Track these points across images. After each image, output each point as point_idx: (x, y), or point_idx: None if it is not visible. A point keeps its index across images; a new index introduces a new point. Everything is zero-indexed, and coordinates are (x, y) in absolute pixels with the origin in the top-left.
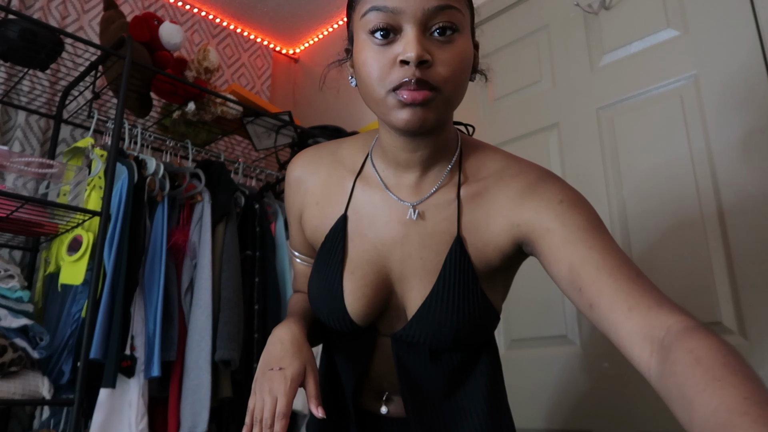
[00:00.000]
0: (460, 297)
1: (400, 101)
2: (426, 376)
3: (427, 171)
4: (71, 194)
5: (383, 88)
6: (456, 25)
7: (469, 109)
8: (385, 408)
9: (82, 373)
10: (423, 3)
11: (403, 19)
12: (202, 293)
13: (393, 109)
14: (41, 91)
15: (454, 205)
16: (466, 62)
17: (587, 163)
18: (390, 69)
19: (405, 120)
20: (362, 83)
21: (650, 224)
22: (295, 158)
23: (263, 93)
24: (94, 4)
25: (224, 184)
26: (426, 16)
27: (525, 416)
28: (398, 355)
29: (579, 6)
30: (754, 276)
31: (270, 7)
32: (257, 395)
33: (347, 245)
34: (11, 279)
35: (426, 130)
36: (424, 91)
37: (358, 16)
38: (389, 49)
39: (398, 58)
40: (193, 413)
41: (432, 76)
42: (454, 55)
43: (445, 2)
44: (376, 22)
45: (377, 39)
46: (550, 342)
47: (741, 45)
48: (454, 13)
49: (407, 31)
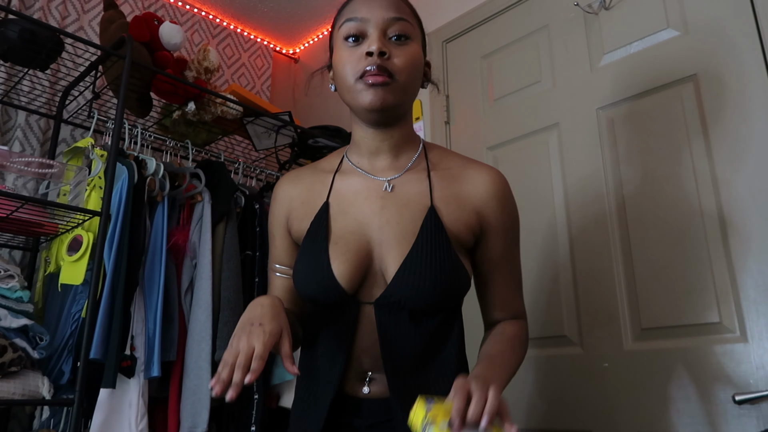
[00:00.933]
0: (435, 256)
1: (366, 84)
2: (406, 341)
3: (397, 157)
4: (71, 194)
5: (353, 76)
6: (408, 34)
7: (469, 109)
8: (367, 388)
9: (82, 373)
10: (383, 14)
11: (368, 26)
12: (202, 293)
13: (361, 92)
14: (41, 91)
15: (426, 183)
16: (416, 61)
17: (587, 163)
18: (358, 61)
19: (370, 99)
20: (338, 76)
21: (650, 224)
22: (280, 179)
23: (263, 93)
24: (94, 4)
25: (224, 184)
26: (385, 23)
27: (525, 416)
28: (380, 321)
29: (579, 6)
30: (754, 276)
31: (270, 7)
32: (233, 346)
33: (330, 224)
34: (11, 279)
35: (387, 110)
36: (383, 76)
37: (337, 28)
38: (358, 48)
39: (364, 51)
40: (193, 413)
41: (389, 65)
42: (407, 54)
43: (400, 15)
44: (348, 29)
45: (349, 43)
46: (550, 342)
47: (741, 45)
48: (406, 24)
49: (371, 34)
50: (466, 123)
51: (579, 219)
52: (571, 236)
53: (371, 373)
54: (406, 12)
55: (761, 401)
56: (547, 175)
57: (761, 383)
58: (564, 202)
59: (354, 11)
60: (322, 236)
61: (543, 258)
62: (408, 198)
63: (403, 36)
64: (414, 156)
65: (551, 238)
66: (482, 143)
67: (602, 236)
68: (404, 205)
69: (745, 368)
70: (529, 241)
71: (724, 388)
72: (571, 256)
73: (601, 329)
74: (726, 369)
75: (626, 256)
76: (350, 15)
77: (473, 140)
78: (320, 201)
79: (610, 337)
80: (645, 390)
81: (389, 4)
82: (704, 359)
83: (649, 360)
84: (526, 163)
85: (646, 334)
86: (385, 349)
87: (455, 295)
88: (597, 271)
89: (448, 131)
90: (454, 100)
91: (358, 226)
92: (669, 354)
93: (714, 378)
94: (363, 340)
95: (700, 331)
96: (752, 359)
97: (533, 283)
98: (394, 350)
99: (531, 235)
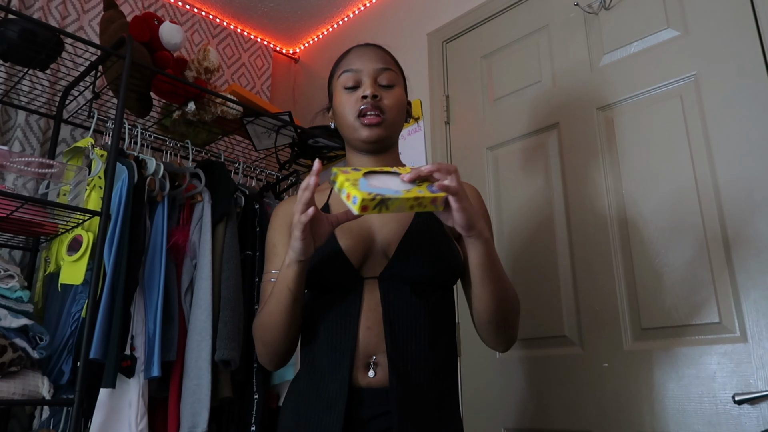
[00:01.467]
0: (432, 234)
1: (363, 124)
2: (408, 315)
3: None
4: (71, 194)
5: (352, 116)
6: (393, 82)
7: (469, 109)
8: (372, 372)
9: (82, 373)
10: (374, 65)
11: (362, 76)
12: (202, 293)
13: (359, 129)
14: (41, 91)
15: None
16: (402, 102)
17: (587, 163)
18: (355, 104)
19: (367, 134)
20: (339, 116)
21: (650, 224)
22: (280, 202)
23: (263, 93)
24: (94, 4)
25: (224, 184)
26: (376, 73)
27: (525, 416)
28: (384, 295)
29: (579, 6)
30: (754, 276)
31: (270, 7)
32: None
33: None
34: (11, 279)
35: (380, 142)
36: (377, 117)
37: (336, 78)
38: (355, 93)
39: (360, 95)
40: (193, 413)
41: (381, 105)
42: (394, 96)
43: (386, 66)
44: (346, 80)
45: (348, 90)
46: (550, 342)
47: (741, 45)
48: (392, 73)
49: (365, 82)
50: (466, 123)
51: (579, 219)
52: (571, 236)
53: (375, 356)
54: (390, 63)
55: (761, 401)
56: (547, 175)
57: (761, 383)
58: (564, 202)
59: (350, 64)
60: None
61: (543, 258)
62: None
63: (389, 84)
64: None
65: (551, 238)
66: (482, 143)
67: (602, 236)
68: None
69: (745, 368)
70: (529, 241)
71: (724, 388)
72: (571, 256)
73: (601, 329)
74: (726, 369)
75: (626, 256)
76: (347, 67)
77: (473, 140)
78: (321, 206)
79: (610, 337)
80: (645, 390)
81: (378, 58)
82: (704, 359)
83: (649, 360)
84: (526, 163)
85: (646, 334)
86: (388, 324)
87: (452, 269)
88: (597, 271)
89: (448, 131)
90: (454, 100)
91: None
92: (669, 354)
93: (714, 378)
94: (368, 317)
95: (700, 331)
96: (752, 359)
97: (533, 283)
98: (396, 326)
99: (531, 235)
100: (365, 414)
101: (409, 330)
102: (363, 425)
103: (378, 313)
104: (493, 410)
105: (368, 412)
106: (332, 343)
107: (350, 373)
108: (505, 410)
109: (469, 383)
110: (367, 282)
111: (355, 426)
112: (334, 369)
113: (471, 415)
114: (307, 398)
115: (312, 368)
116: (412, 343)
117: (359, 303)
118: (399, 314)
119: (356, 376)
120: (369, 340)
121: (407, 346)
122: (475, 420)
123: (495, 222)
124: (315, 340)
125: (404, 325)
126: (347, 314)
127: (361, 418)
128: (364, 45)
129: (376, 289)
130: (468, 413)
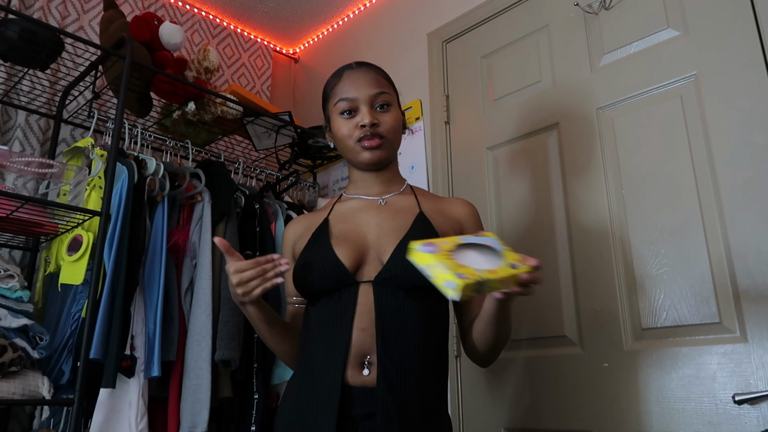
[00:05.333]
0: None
1: (363, 147)
2: (401, 318)
3: (388, 188)
4: (71, 194)
5: (352, 141)
6: (389, 102)
7: (469, 109)
8: (367, 370)
9: (82, 373)
10: (369, 91)
11: (359, 102)
12: (202, 293)
13: (360, 153)
14: (41, 91)
15: (414, 200)
16: (398, 122)
17: (587, 163)
18: (354, 130)
19: (368, 157)
20: (339, 141)
21: (650, 224)
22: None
23: (263, 93)
24: (94, 4)
25: (224, 184)
26: (371, 98)
27: (525, 416)
28: (378, 298)
29: (579, 6)
30: (754, 276)
31: (270, 7)
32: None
33: (331, 230)
34: (11, 279)
35: (380, 162)
36: (376, 139)
37: (332, 105)
38: (352, 119)
39: (359, 124)
40: (193, 413)
41: (380, 130)
42: (391, 118)
43: (381, 89)
44: (342, 107)
45: (345, 116)
46: (550, 342)
47: (741, 45)
48: (386, 95)
49: (362, 109)
50: (466, 123)
51: (579, 219)
52: (571, 236)
53: (370, 356)
54: (384, 84)
55: (761, 401)
56: (547, 175)
57: (761, 383)
58: (564, 202)
59: (345, 92)
60: (324, 236)
61: (543, 258)
62: (399, 208)
63: (385, 104)
64: (401, 188)
65: (551, 238)
66: (482, 143)
67: (602, 236)
68: (397, 212)
69: (745, 368)
70: (528, 241)
71: (724, 388)
72: (571, 256)
73: (601, 329)
74: (726, 369)
75: (626, 256)
76: (342, 95)
77: (473, 140)
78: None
79: (610, 337)
80: (645, 390)
81: (372, 82)
82: (704, 359)
83: (649, 360)
84: (526, 163)
85: (646, 334)
86: (380, 325)
87: None
88: (597, 271)
89: (448, 131)
90: (454, 100)
91: (357, 227)
92: (669, 354)
93: (714, 378)
94: (362, 319)
95: (700, 331)
96: (752, 359)
97: None
98: (388, 328)
99: (531, 235)
100: (358, 412)
101: (401, 332)
102: (355, 423)
103: (372, 315)
104: (492, 410)
105: (361, 411)
106: (327, 343)
107: (344, 371)
108: (505, 410)
109: (469, 383)
110: (362, 285)
111: (348, 424)
112: (328, 368)
113: (471, 415)
114: (303, 397)
115: (307, 368)
116: (402, 346)
117: (354, 305)
118: (392, 317)
119: (350, 375)
120: (363, 341)
121: (398, 348)
122: (475, 420)
123: (495, 222)
124: (310, 340)
125: (396, 327)
126: (342, 316)
127: (353, 417)
128: (356, 68)
129: (370, 293)
130: (468, 413)
